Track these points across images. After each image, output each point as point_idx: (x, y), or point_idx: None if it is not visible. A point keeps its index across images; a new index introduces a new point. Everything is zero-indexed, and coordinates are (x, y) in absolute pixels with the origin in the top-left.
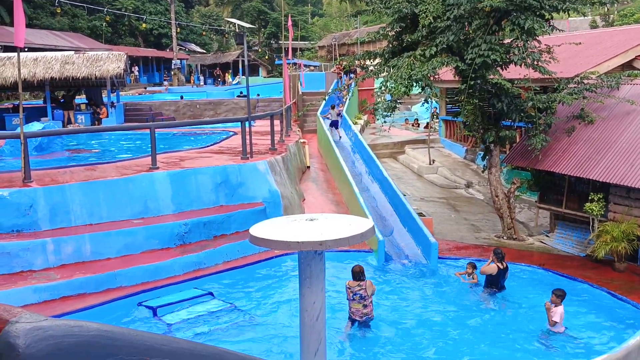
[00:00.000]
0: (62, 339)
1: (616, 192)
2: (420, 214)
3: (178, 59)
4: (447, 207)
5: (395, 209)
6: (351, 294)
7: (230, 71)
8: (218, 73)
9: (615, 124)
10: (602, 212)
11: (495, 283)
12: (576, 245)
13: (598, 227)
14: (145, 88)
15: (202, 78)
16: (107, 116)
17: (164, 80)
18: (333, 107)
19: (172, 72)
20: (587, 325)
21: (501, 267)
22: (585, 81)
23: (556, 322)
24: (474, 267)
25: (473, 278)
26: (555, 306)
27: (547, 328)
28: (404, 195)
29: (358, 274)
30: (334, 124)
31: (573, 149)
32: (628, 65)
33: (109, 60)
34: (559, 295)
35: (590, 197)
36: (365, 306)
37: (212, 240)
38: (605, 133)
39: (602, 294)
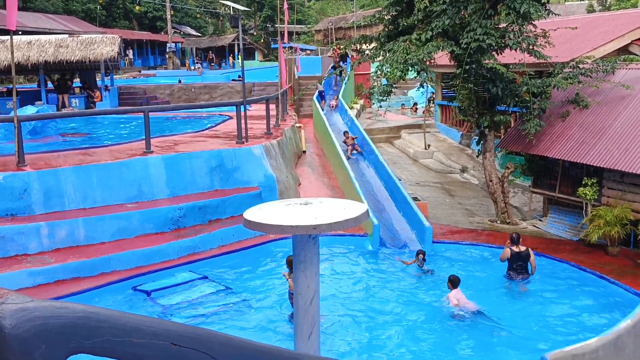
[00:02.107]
0: (48, 320)
1: (610, 177)
2: (415, 199)
3: (173, 42)
4: (442, 192)
5: (391, 193)
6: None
7: (239, 53)
8: (211, 57)
9: (610, 109)
10: (596, 197)
11: (511, 267)
12: (569, 229)
13: (591, 212)
14: (140, 71)
15: (197, 61)
16: (101, 100)
17: (196, 63)
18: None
19: (167, 56)
20: (579, 308)
21: (516, 250)
22: (581, 66)
23: (456, 305)
24: (424, 254)
25: (421, 265)
26: (450, 291)
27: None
28: (399, 179)
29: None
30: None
31: (567, 133)
32: (624, 50)
33: (103, 44)
34: (453, 281)
35: (583, 182)
36: None
37: (207, 225)
38: (599, 118)
39: (594, 278)
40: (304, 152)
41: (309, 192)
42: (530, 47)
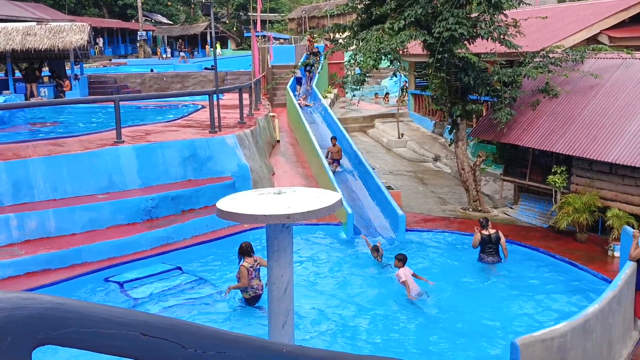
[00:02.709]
0: (14, 311)
1: (578, 165)
2: (388, 187)
3: (144, 30)
4: (415, 181)
5: (365, 182)
6: (253, 272)
7: (218, 43)
8: (181, 45)
9: (579, 98)
10: (565, 185)
11: (483, 250)
12: (539, 216)
13: (560, 199)
14: (110, 60)
15: (169, 50)
16: (71, 89)
17: (181, 52)
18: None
19: (138, 44)
20: (548, 294)
21: (486, 233)
22: (551, 55)
23: (405, 281)
24: (377, 249)
25: (379, 258)
26: (398, 269)
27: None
28: (373, 168)
29: (249, 250)
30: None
31: (537, 122)
32: (593, 40)
33: (72, 32)
34: (400, 259)
35: (553, 170)
36: (260, 279)
37: (180, 215)
38: (569, 107)
39: (563, 264)
40: (278, 141)
41: (283, 182)
42: (502, 36)
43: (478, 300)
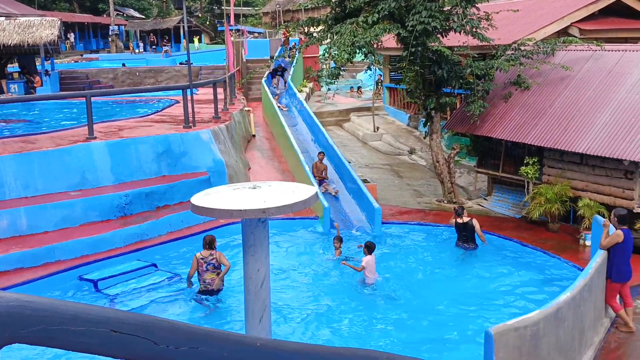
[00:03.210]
0: None
1: (550, 156)
2: (364, 181)
3: (116, 24)
4: (391, 174)
5: (341, 176)
6: (204, 264)
7: (196, 37)
8: (152, 39)
9: (550, 90)
10: (537, 175)
11: (459, 238)
12: (512, 207)
13: (533, 190)
14: (82, 55)
15: (141, 45)
16: (42, 85)
17: (163, 46)
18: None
19: (110, 39)
20: (521, 283)
21: (460, 221)
22: (522, 48)
23: (364, 268)
24: (341, 240)
25: (339, 252)
26: (365, 255)
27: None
28: (349, 162)
29: (210, 243)
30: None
31: (510, 114)
32: (563, 32)
33: (42, 27)
34: (368, 247)
35: (525, 161)
36: (218, 274)
37: (154, 211)
38: (540, 98)
39: (536, 254)
40: (254, 136)
41: (259, 177)
42: (474, 29)
43: (453, 290)
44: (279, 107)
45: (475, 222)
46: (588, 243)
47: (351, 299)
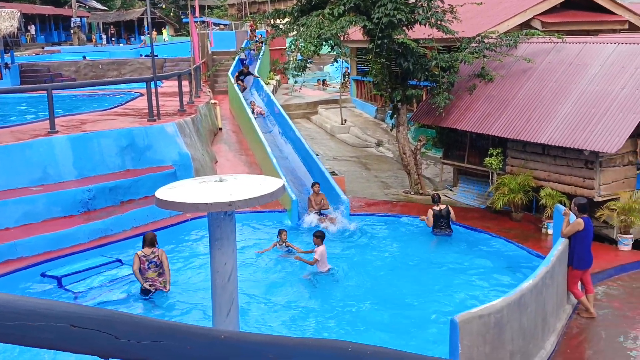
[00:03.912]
0: None
1: (513, 147)
2: (332, 173)
3: (78, 16)
4: (359, 166)
5: (309, 168)
6: (146, 262)
7: (164, 28)
8: (112, 32)
9: (513, 82)
10: (501, 166)
11: (436, 225)
12: (477, 197)
13: (497, 180)
14: (43, 48)
15: (104, 37)
16: (1, 78)
17: (143, 35)
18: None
19: (72, 31)
20: (486, 271)
21: (437, 208)
22: (486, 40)
23: (317, 260)
24: (285, 233)
25: (285, 246)
26: (317, 246)
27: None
28: (317, 154)
29: (151, 241)
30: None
31: (474, 106)
32: (526, 25)
33: (1, 19)
34: (318, 236)
35: (489, 152)
36: (160, 274)
37: (119, 206)
38: (504, 90)
39: (500, 242)
40: (220, 129)
41: (227, 170)
42: (438, 22)
43: (418, 279)
44: (254, 113)
45: (450, 209)
46: (550, 232)
47: (321, 288)
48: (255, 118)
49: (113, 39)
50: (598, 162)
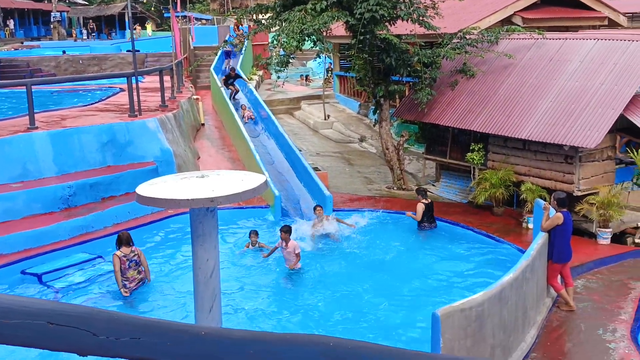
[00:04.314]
0: None
1: (494, 142)
2: (315, 169)
3: (57, 11)
4: (342, 161)
5: (292, 164)
6: (127, 262)
7: (148, 23)
8: (92, 26)
9: (495, 77)
10: (482, 161)
11: (423, 219)
12: (459, 192)
13: (478, 175)
14: (22, 43)
15: (84, 32)
16: None
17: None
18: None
19: (52, 26)
20: (467, 265)
21: (426, 202)
22: (468, 36)
23: (290, 253)
24: (257, 234)
25: (258, 245)
26: (286, 243)
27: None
28: (300, 150)
29: (128, 240)
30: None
31: (456, 102)
32: (507, 21)
33: None
34: (285, 231)
35: (471, 148)
36: (139, 272)
37: (100, 203)
38: (485, 86)
39: (481, 237)
40: (203, 124)
41: (209, 166)
42: (420, 18)
43: (400, 274)
44: (244, 118)
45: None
46: (531, 226)
47: (302, 285)
48: (245, 124)
49: (93, 33)
50: (577, 157)
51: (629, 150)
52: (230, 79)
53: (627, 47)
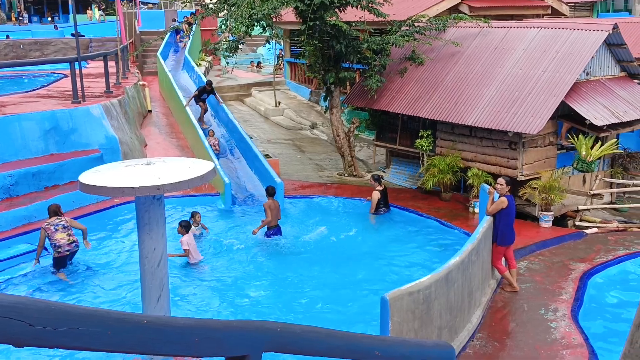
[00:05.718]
0: None
1: (442, 129)
2: (266, 156)
3: None
4: (293, 148)
5: (242, 151)
6: (52, 227)
7: (95, 5)
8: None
9: (442, 65)
10: (431, 148)
11: (378, 205)
12: (409, 178)
13: (427, 162)
14: None
15: (25, 15)
16: None
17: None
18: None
19: None
20: (415, 249)
21: (380, 188)
22: (416, 24)
23: (187, 250)
24: (199, 215)
25: (197, 226)
26: (182, 236)
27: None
28: (251, 137)
29: (55, 211)
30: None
31: (405, 89)
32: (454, 9)
33: None
34: (184, 226)
35: (420, 134)
36: (69, 235)
37: (43, 192)
38: (433, 74)
39: (430, 222)
40: (150, 111)
41: (157, 153)
42: (370, 4)
43: (349, 258)
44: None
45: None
46: (477, 210)
47: (258, 271)
48: (209, 146)
49: (35, 17)
50: (521, 142)
51: (570, 137)
52: (205, 93)
53: (568, 35)
